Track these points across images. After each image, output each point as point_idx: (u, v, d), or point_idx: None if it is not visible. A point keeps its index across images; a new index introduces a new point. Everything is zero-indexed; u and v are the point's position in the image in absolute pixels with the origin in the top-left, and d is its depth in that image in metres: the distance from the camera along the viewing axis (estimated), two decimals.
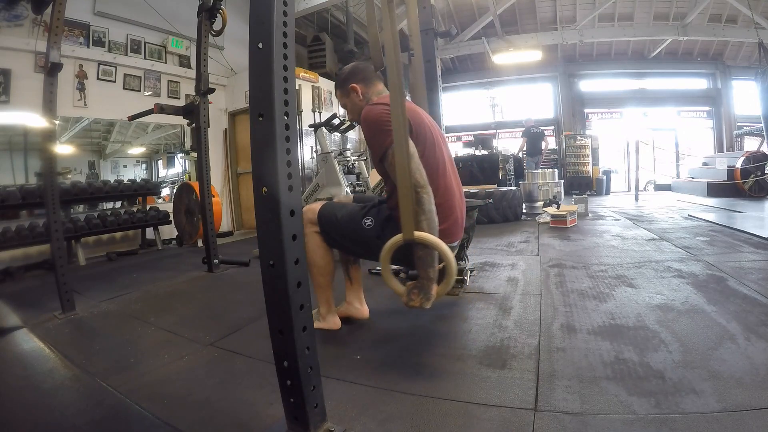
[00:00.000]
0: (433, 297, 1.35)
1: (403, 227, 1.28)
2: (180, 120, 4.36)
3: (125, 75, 4.93)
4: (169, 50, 5.45)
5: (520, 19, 9.66)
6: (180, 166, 5.78)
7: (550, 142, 10.05)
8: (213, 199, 3.62)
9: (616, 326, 1.69)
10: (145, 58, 5.18)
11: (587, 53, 11.07)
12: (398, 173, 1.27)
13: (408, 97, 1.75)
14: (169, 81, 5.42)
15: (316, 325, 1.82)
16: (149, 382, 1.44)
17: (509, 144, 10.74)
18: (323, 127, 3.87)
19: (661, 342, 1.51)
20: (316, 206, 1.78)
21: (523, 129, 8.89)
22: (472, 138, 11.09)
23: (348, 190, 3.63)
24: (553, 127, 11.56)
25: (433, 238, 1.30)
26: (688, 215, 4.93)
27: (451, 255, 1.29)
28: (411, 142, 1.41)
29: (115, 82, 4.82)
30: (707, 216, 4.70)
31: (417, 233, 1.28)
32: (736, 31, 8.70)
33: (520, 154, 8.82)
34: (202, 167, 3.23)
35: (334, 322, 1.84)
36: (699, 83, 11.10)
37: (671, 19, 8.84)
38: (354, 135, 7.40)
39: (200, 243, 4.36)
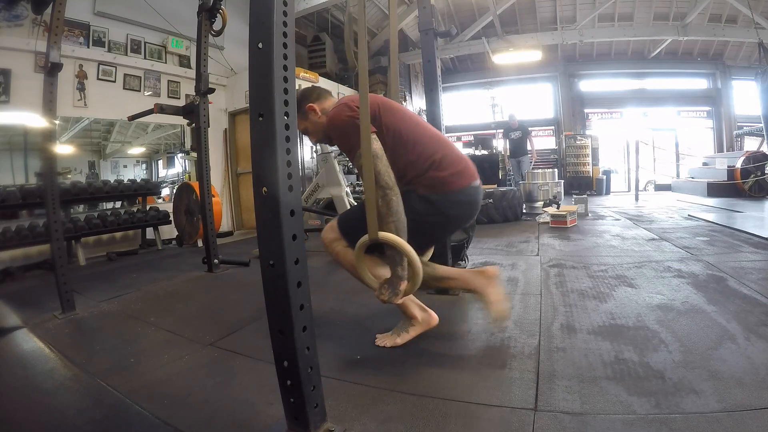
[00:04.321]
0: (400, 293, 1.37)
1: (368, 227, 1.30)
2: (180, 120, 4.36)
3: (125, 75, 4.93)
4: (169, 50, 5.45)
5: (520, 19, 9.66)
6: (180, 166, 5.78)
7: (545, 142, 9.76)
8: (213, 199, 3.62)
9: (616, 326, 1.69)
10: (145, 58, 5.18)
11: (587, 53, 11.07)
12: (364, 175, 1.29)
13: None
14: (169, 81, 5.42)
15: (413, 333, 1.64)
16: (149, 382, 1.44)
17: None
18: None
19: (661, 342, 1.51)
20: (331, 224, 1.68)
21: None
22: (472, 138, 11.10)
23: (348, 190, 3.63)
24: (553, 127, 11.57)
25: (396, 239, 1.31)
26: (688, 215, 4.93)
27: (414, 255, 1.30)
28: (378, 142, 1.44)
29: (115, 82, 4.82)
30: (707, 216, 4.70)
31: (381, 233, 1.30)
32: (736, 31, 8.70)
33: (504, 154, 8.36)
34: (202, 167, 3.23)
35: (431, 317, 1.66)
36: (699, 83, 11.10)
37: (671, 19, 8.84)
38: None
39: (200, 243, 4.36)
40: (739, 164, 7.47)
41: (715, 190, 7.48)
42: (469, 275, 1.67)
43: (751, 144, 10.23)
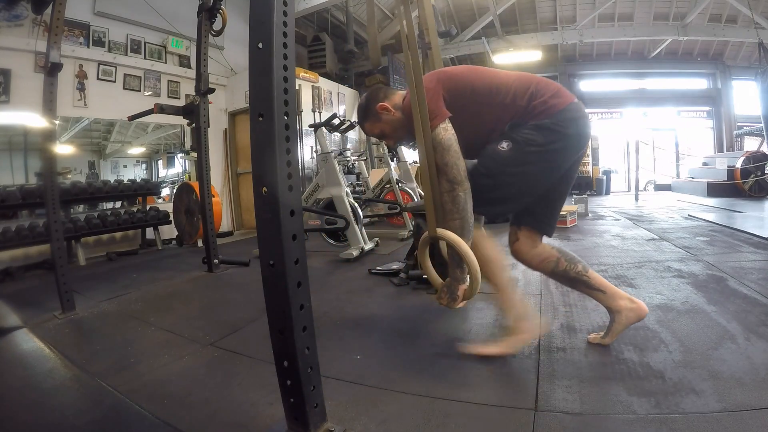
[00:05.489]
0: (458, 298, 1.32)
1: (428, 223, 1.25)
2: (180, 120, 4.36)
3: (125, 75, 4.92)
4: (169, 50, 5.44)
5: (520, 19, 9.66)
6: (180, 166, 5.78)
7: None
8: (213, 199, 3.61)
9: None
10: (145, 58, 5.18)
11: (587, 53, 11.06)
12: (421, 170, 1.24)
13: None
14: (169, 81, 5.42)
15: (509, 345, 1.48)
16: (149, 382, 1.44)
17: None
18: (323, 127, 3.87)
19: (661, 342, 1.51)
20: None
21: None
22: None
23: (348, 190, 3.63)
24: None
25: (455, 238, 1.23)
26: (688, 215, 4.93)
27: (472, 257, 1.24)
28: (450, 131, 1.33)
29: (115, 82, 4.82)
30: (707, 216, 4.70)
31: (440, 231, 1.24)
32: (736, 31, 8.70)
33: None
34: (202, 167, 3.23)
35: (533, 328, 1.53)
36: (699, 83, 11.10)
37: (671, 19, 8.84)
38: (354, 135, 7.40)
39: (200, 243, 4.36)
40: (739, 164, 7.47)
41: (715, 190, 7.49)
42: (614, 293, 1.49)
43: (751, 144, 10.24)
